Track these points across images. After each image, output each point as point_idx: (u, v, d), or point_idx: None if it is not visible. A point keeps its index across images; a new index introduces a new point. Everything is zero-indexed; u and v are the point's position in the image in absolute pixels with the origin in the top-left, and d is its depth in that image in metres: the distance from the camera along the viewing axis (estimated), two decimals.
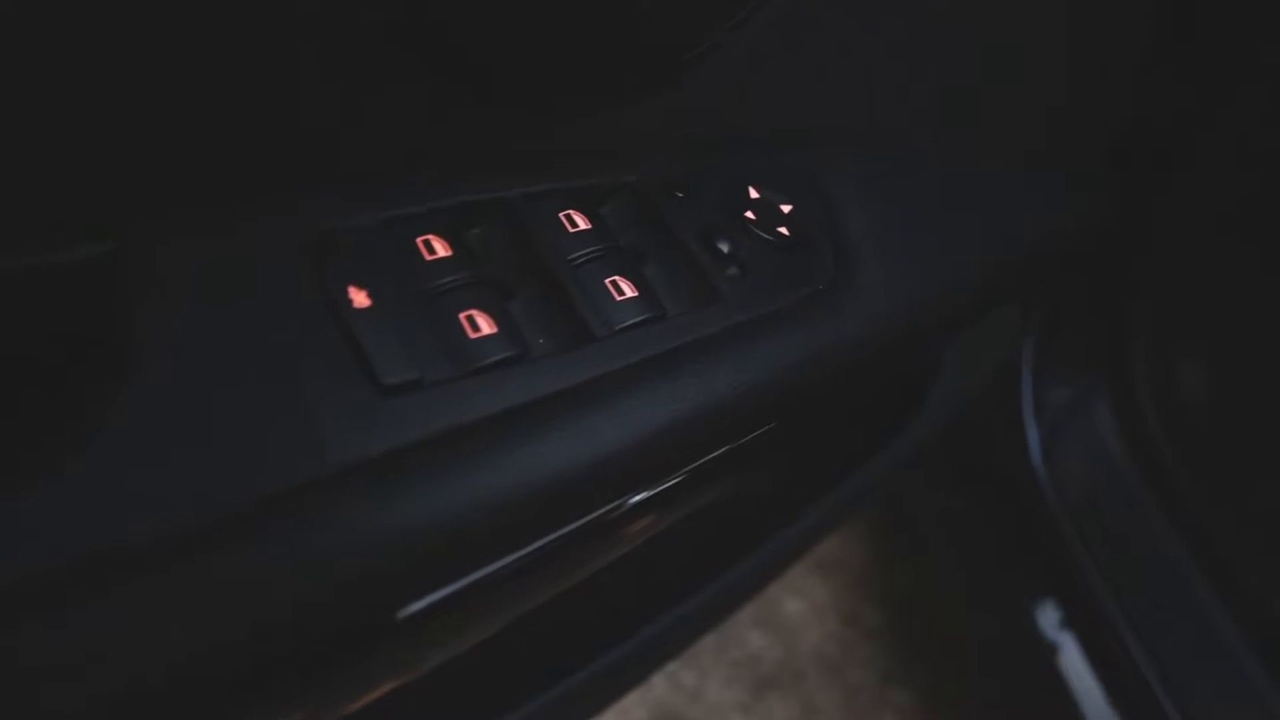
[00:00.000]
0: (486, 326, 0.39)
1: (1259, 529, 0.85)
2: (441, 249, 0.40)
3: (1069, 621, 0.87)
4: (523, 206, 0.43)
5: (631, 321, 0.41)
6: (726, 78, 0.50)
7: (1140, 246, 0.85)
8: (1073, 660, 0.87)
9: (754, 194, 0.48)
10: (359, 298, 0.38)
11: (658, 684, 0.98)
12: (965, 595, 1.05)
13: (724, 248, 0.45)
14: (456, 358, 0.38)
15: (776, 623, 1.03)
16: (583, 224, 0.43)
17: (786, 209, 0.49)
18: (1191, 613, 0.84)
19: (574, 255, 0.42)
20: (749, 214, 0.47)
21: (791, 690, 1.00)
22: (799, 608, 1.04)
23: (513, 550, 0.41)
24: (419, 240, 0.40)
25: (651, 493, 0.46)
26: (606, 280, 0.42)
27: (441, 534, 0.37)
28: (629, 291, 0.42)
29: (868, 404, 0.71)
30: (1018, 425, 0.88)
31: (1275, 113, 0.84)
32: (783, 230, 0.48)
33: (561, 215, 0.43)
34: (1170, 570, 0.85)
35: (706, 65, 0.49)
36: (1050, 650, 0.88)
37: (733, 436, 0.45)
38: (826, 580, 1.06)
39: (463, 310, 0.39)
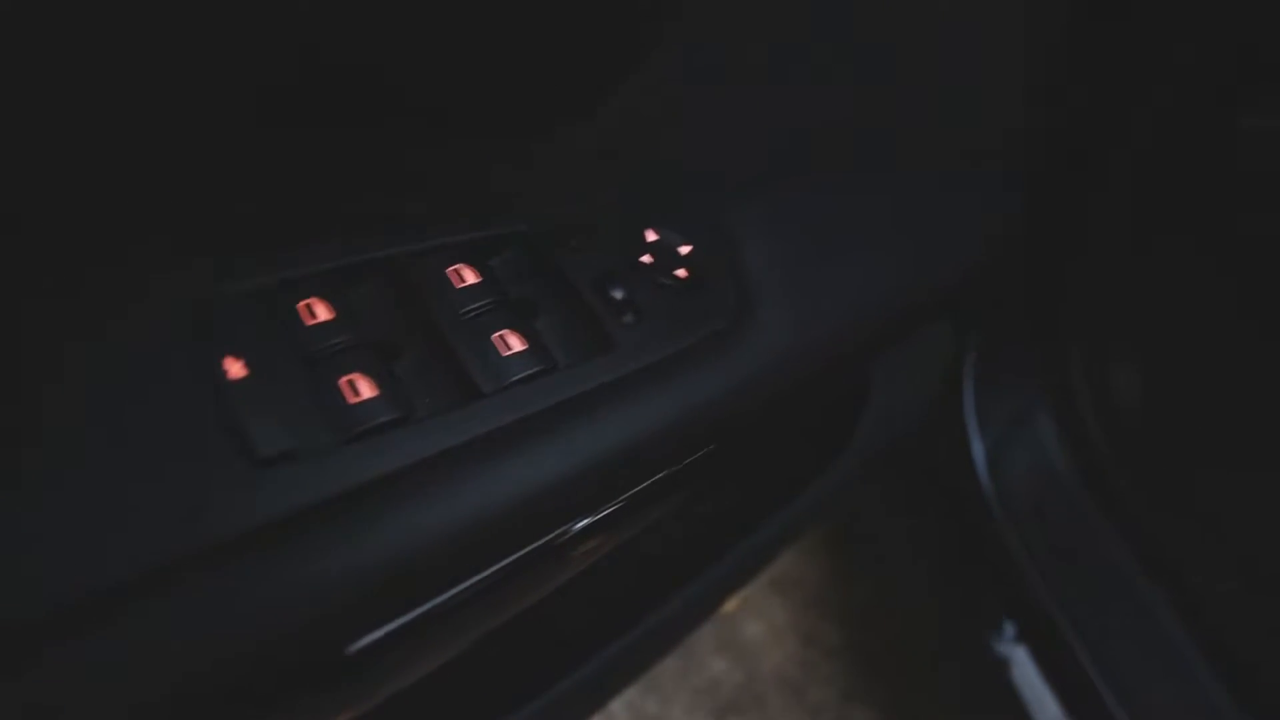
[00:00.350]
0: (367, 390, 0.38)
1: (1204, 530, 0.86)
2: (324, 313, 0.40)
3: (1020, 634, 0.87)
4: (410, 264, 0.43)
5: (520, 375, 0.41)
6: (629, 114, 0.50)
7: (1069, 252, 0.85)
8: (1026, 672, 0.87)
9: (651, 237, 0.48)
10: (235, 368, 0.37)
11: (619, 713, 0.98)
12: (923, 609, 1.05)
13: (618, 295, 0.45)
14: (336, 424, 0.37)
15: (737, 646, 1.03)
16: (471, 278, 0.43)
17: (685, 250, 0.49)
18: (1140, 619, 0.84)
19: (462, 311, 0.42)
20: (646, 257, 0.47)
21: (753, 714, 1.00)
22: (759, 630, 1.04)
23: (418, 605, 0.41)
24: (300, 305, 0.40)
25: (567, 534, 0.46)
26: (494, 335, 0.42)
27: (340, 594, 0.37)
28: (518, 345, 0.42)
29: (799, 430, 0.71)
30: (963, 439, 0.89)
31: (1189, 114, 0.85)
32: (681, 272, 0.48)
33: (449, 270, 0.43)
34: (1118, 578, 0.85)
35: (606, 103, 0.49)
36: (1004, 664, 0.88)
37: (633, 482, 0.45)
38: (785, 601, 1.06)
39: (343, 375, 0.38)
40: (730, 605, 1.04)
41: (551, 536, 0.44)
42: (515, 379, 0.41)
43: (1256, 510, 0.87)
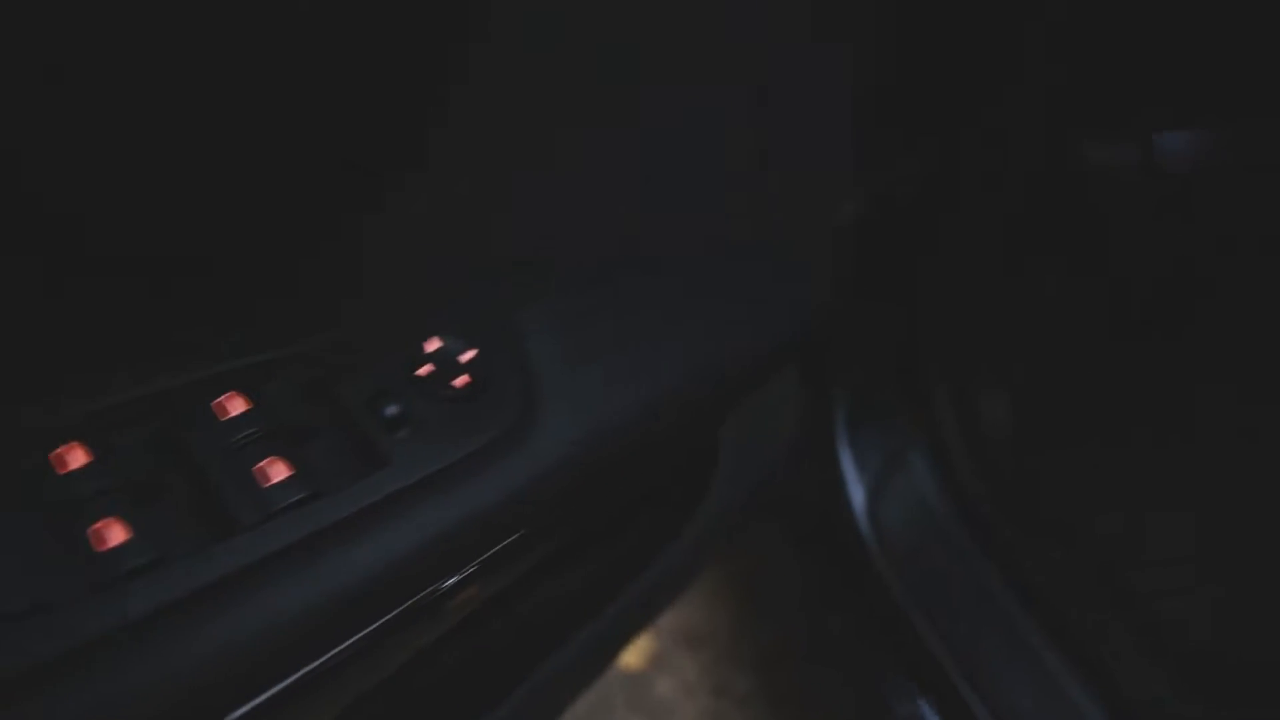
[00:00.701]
0: (119, 536, 0.39)
1: (1081, 562, 0.87)
2: (79, 459, 0.41)
3: (909, 675, 0.88)
4: (174, 399, 0.44)
5: (284, 504, 0.42)
6: (412, 222, 0.51)
7: (922, 293, 0.88)
8: (919, 713, 0.88)
9: (433, 346, 0.50)
10: None
11: None
12: (832, 652, 1.06)
13: (393, 411, 0.46)
14: (86, 573, 0.38)
15: (649, 705, 1.03)
16: (239, 408, 0.44)
17: (468, 356, 0.50)
18: (1022, 654, 0.85)
19: (226, 443, 0.43)
20: (426, 369, 0.49)
21: None
22: (670, 685, 1.05)
23: None
24: (54, 454, 0.41)
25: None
26: (258, 465, 0.43)
27: None
28: (282, 473, 0.43)
29: (652, 496, 0.72)
30: (839, 488, 0.90)
31: (1031, 152, 0.88)
32: (461, 380, 0.49)
33: (216, 402, 0.44)
34: (999, 614, 0.87)
35: (385, 213, 0.50)
36: (898, 704, 0.89)
37: (412, 592, 0.46)
38: (695, 655, 1.06)
39: (93, 523, 0.39)
40: (639, 664, 1.05)
41: (341, 649, 0.45)
42: (279, 508, 0.42)
43: (1131, 536, 0.89)
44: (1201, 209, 0.94)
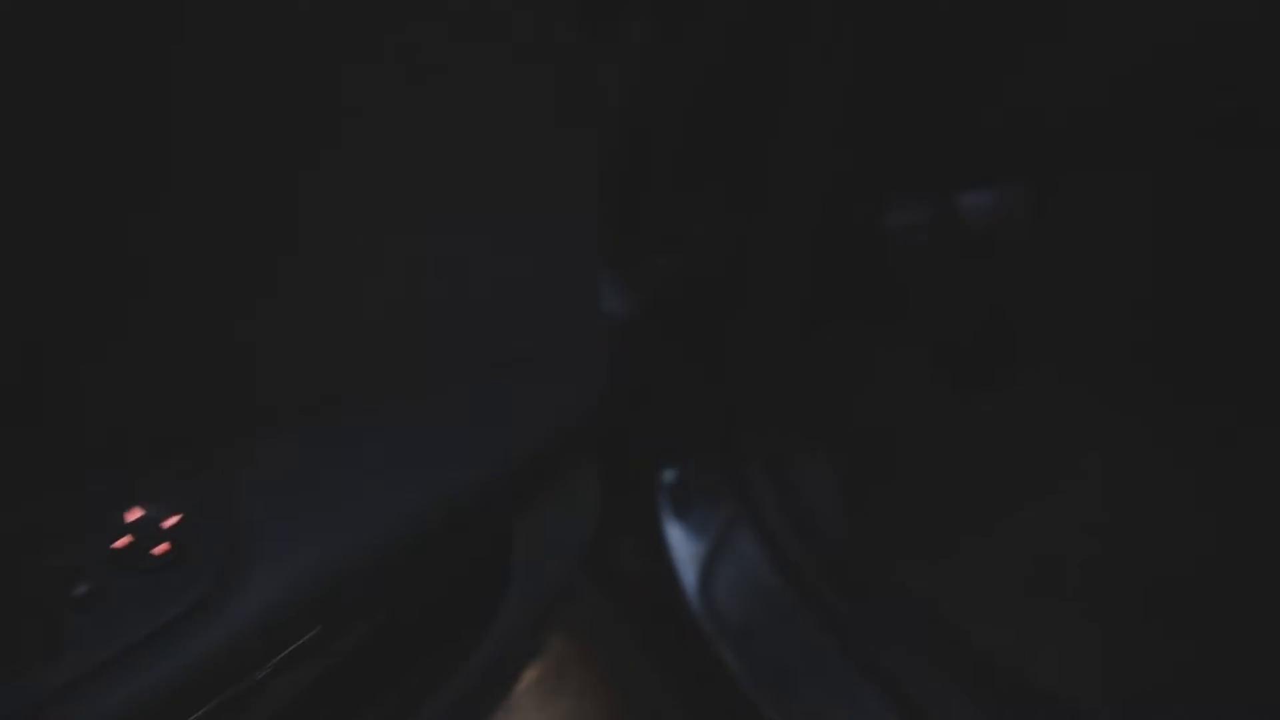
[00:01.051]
0: None
1: (912, 623, 0.89)
2: None
3: None
4: None
5: None
6: (115, 380, 0.52)
7: (725, 369, 0.90)
8: None
9: (135, 515, 0.50)
10: None
11: None
12: None
13: (83, 590, 0.46)
14: None
15: None
16: None
17: (171, 521, 0.50)
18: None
19: None
20: (124, 540, 0.49)
21: None
22: None
23: None
24: None
25: None
26: None
27: None
28: None
29: (446, 604, 0.72)
30: (670, 571, 0.91)
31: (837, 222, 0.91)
32: (161, 548, 0.49)
33: None
34: (831, 684, 0.87)
35: (94, 371, 0.51)
36: None
37: None
38: None
39: None
40: None
41: None
42: None
43: (962, 591, 0.91)
44: (1003, 262, 0.98)
